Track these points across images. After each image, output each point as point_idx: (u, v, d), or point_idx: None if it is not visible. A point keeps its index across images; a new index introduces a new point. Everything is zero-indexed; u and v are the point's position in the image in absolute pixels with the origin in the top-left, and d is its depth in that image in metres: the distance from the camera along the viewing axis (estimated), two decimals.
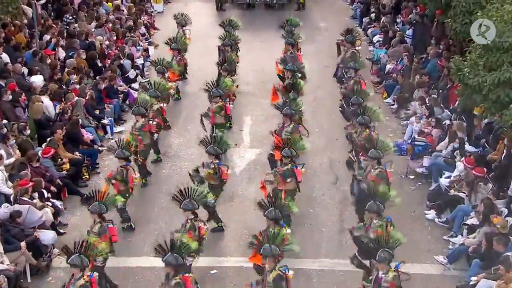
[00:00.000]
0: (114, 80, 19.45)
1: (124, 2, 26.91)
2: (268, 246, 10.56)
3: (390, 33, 23.46)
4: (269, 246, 10.56)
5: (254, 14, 28.44)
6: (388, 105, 20.14)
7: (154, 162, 16.75)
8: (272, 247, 10.56)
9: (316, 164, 16.97)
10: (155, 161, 16.78)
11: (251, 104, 20.26)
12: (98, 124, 17.94)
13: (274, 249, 10.56)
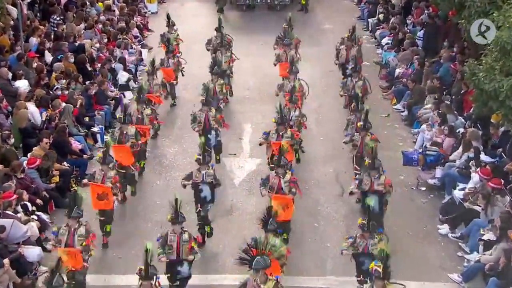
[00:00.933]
0: (104, 85, 19.43)
1: (116, 2, 26.92)
2: (260, 258, 10.40)
3: (399, 35, 23.47)
4: (261, 258, 10.41)
5: (254, 16, 28.49)
6: (397, 111, 20.13)
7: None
8: (264, 258, 10.43)
9: (321, 174, 16.94)
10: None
11: (251, 111, 20.25)
12: (87, 132, 17.91)
13: (266, 259, 10.42)
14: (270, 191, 13.54)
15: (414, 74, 20.72)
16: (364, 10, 28.15)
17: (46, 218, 14.57)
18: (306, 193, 15.84)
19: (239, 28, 23.30)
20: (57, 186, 15.44)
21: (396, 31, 23.96)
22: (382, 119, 19.65)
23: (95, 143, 18.14)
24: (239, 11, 28.90)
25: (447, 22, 22.04)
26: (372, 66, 23.07)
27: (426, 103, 18.97)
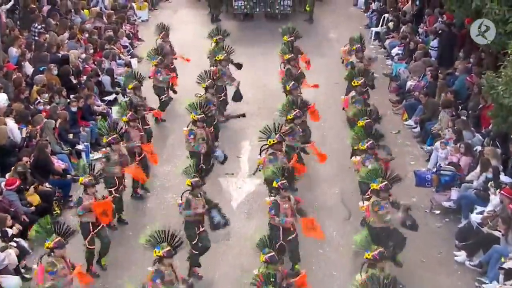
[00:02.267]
0: (90, 99, 19.42)
1: (103, 10, 27.00)
2: None
3: (411, 45, 23.53)
4: None
5: (252, 25, 28.54)
6: (409, 128, 20.13)
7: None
8: None
9: (325, 196, 16.90)
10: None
11: (250, 127, 20.22)
12: (71, 150, 17.88)
13: None
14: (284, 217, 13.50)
15: (427, 87, 20.74)
16: (372, 18, 28.26)
17: (26, 244, 14.48)
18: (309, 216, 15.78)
19: (236, 39, 23.29)
20: (38, 209, 15.35)
21: (407, 40, 24.02)
22: (392, 135, 19.64)
23: None
24: (236, 21, 28.93)
25: (462, 30, 22.09)
26: (381, 79, 23.12)
27: (440, 119, 18.95)
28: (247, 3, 28.81)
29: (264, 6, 28.86)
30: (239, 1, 28.86)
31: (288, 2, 28.80)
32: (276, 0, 28.70)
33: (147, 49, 21.24)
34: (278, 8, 28.88)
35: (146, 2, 29.79)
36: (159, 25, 22.27)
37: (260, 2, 28.78)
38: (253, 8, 29.00)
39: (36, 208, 15.36)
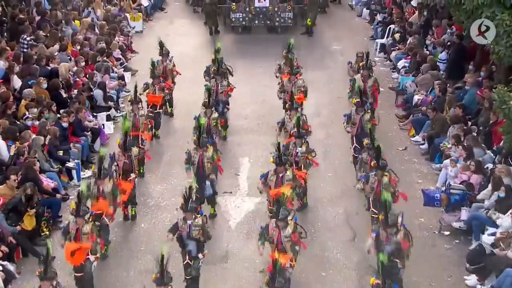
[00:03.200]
0: (82, 114, 19.43)
1: (95, 20, 27.06)
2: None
3: (418, 57, 23.56)
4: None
5: (251, 39, 28.54)
6: (416, 144, 20.12)
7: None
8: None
9: (329, 216, 16.87)
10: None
11: (249, 143, 20.26)
12: (61, 168, 17.86)
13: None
14: (269, 242, 13.44)
15: (435, 102, 20.76)
16: (378, 29, 28.34)
17: (12, 268, 14.43)
18: (312, 237, 15.76)
19: (234, 52, 23.38)
20: (26, 230, 15.30)
21: (414, 52, 24.05)
22: (399, 152, 19.65)
23: (70, 180, 18.09)
24: (234, 34, 28.99)
25: (472, 42, 22.12)
26: (387, 93, 23.16)
27: (449, 135, 18.95)
28: (246, 16, 28.86)
29: (264, 19, 28.89)
30: (237, 13, 28.91)
31: (289, 15, 28.84)
32: (276, 12, 28.76)
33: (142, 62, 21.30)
34: (278, 21, 28.88)
35: (141, 13, 29.89)
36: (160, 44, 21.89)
37: (259, 15, 28.81)
38: (251, 21, 28.98)
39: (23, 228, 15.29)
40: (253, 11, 28.74)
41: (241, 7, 28.82)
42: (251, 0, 28.67)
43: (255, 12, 28.76)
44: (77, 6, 27.72)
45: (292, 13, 28.85)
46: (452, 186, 16.51)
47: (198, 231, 13.42)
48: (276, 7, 28.72)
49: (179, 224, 13.52)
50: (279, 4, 28.77)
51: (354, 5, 32.93)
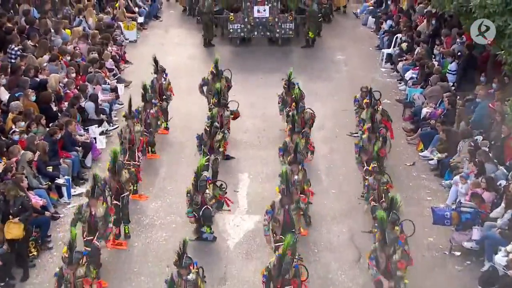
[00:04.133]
0: (72, 127, 19.40)
1: (87, 29, 27.08)
2: None
3: (426, 68, 23.56)
4: None
5: (250, 51, 28.32)
6: (424, 159, 20.10)
7: None
8: None
9: (333, 235, 16.82)
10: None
11: (249, 158, 20.24)
12: (51, 184, 17.81)
13: None
14: None
15: (445, 115, 20.75)
16: (384, 39, 28.37)
17: None
18: (315, 258, 15.72)
19: (233, 65, 23.22)
20: (12, 250, 15.23)
21: (422, 63, 24.06)
22: (407, 168, 19.62)
23: (60, 198, 18.03)
24: (232, 46, 28.81)
25: (483, 52, 22.13)
26: (394, 105, 23.15)
27: (459, 150, 18.92)
28: (244, 27, 28.61)
29: (263, 30, 28.66)
30: (235, 24, 28.67)
31: (290, 26, 28.61)
32: (276, 23, 28.50)
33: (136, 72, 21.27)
34: (278, 32, 28.63)
35: (135, 21, 29.91)
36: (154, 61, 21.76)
37: (259, 26, 28.57)
38: (250, 32, 28.73)
39: (10, 248, 15.22)
40: (252, 22, 28.48)
41: (239, 17, 28.57)
42: (250, 10, 28.47)
43: (254, 23, 28.49)
44: (68, 15, 27.68)
45: (293, 24, 28.64)
46: (463, 204, 16.42)
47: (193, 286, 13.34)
48: (276, 17, 28.46)
49: (174, 280, 13.38)
50: (279, 15, 28.52)
51: (359, 14, 32.99)
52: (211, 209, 16.12)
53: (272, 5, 28.42)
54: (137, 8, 31.35)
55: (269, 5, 28.43)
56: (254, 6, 28.45)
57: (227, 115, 19.84)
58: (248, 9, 28.47)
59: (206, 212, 16.10)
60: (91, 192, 14.94)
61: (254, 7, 28.46)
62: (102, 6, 30.75)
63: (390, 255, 13.39)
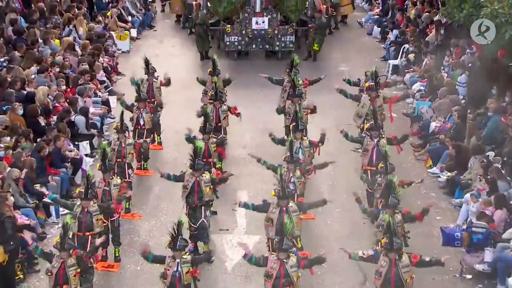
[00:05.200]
0: (61, 143, 19.36)
1: (77, 40, 27.09)
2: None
3: (435, 80, 23.55)
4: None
5: (248, 65, 28.01)
6: (433, 176, 20.08)
7: None
8: None
9: (337, 257, 16.72)
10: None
11: (248, 175, 20.28)
12: (38, 203, 17.76)
13: None
14: (266, 278, 13.64)
15: (454, 130, 20.72)
16: (390, 49, 28.38)
17: None
18: (317, 281, 15.69)
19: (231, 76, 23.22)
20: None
21: (430, 75, 24.05)
22: (415, 185, 19.43)
23: (48, 217, 17.99)
24: (229, 59, 28.43)
25: (495, 64, 22.13)
26: (401, 119, 23.13)
27: (470, 167, 18.89)
28: (242, 39, 28.30)
29: (262, 43, 28.40)
30: (232, 36, 28.33)
31: (290, 38, 28.36)
32: (276, 35, 28.23)
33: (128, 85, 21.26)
34: (278, 45, 28.40)
35: (128, 31, 29.90)
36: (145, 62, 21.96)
37: (257, 38, 28.28)
38: (248, 45, 28.45)
39: None
40: (250, 34, 28.12)
41: (236, 29, 28.23)
42: (248, 22, 28.18)
43: (253, 35, 28.15)
44: (57, 24, 27.69)
45: (294, 37, 28.41)
46: (474, 224, 16.40)
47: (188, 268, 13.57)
48: (276, 29, 28.15)
49: (166, 262, 13.68)
50: (279, 26, 28.23)
51: (363, 23, 33.01)
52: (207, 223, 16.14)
53: (271, 17, 28.19)
54: (130, 17, 31.34)
55: (268, 16, 28.19)
56: (252, 18, 28.18)
57: (225, 110, 19.91)
58: (246, 21, 28.20)
59: (202, 225, 16.10)
60: (84, 193, 15.13)
61: (252, 19, 28.18)
62: (93, 15, 30.75)
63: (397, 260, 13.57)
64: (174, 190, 18.95)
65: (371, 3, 34.68)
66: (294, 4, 28.27)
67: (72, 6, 28.89)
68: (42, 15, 27.42)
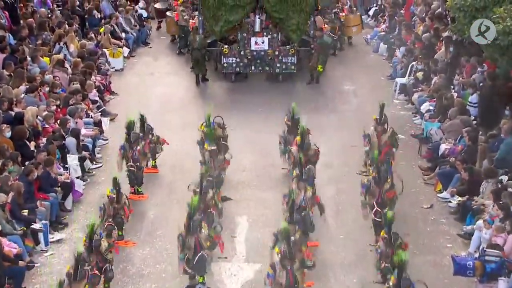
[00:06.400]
0: (51, 166, 19.34)
1: (68, 57, 27.12)
2: None
3: (445, 100, 23.55)
4: None
5: (247, 87, 27.88)
6: (443, 201, 20.04)
7: None
8: None
9: (342, 286, 16.74)
10: None
11: (248, 200, 20.22)
12: (26, 230, 17.70)
13: None
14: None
15: (465, 152, 20.69)
16: (397, 67, 28.41)
17: None
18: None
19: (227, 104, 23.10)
20: None
21: (440, 94, 24.06)
22: (424, 211, 19.57)
23: (36, 245, 17.91)
24: (226, 82, 28.17)
25: (508, 83, 22.14)
26: (409, 141, 23.15)
27: (482, 191, 18.85)
28: (240, 61, 27.94)
29: (261, 64, 28.04)
30: (229, 57, 27.96)
31: (292, 60, 27.95)
32: (277, 57, 27.88)
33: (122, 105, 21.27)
34: (279, 67, 28.01)
35: (121, 48, 29.92)
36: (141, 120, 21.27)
37: (257, 59, 27.95)
38: (247, 67, 28.09)
39: None
40: (249, 55, 27.82)
41: (234, 50, 27.91)
42: (247, 42, 27.87)
43: (252, 56, 27.83)
44: (47, 41, 27.73)
45: (295, 58, 27.98)
46: (487, 252, 16.33)
47: None
48: (276, 50, 27.79)
49: None
50: (280, 47, 27.86)
51: (369, 40, 33.08)
52: (206, 256, 16.04)
53: (271, 37, 27.90)
54: (124, 33, 31.40)
55: (269, 36, 27.89)
56: (251, 38, 27.88)
57: (220, 160, 19.86)
58: (245, 41, 27.89)
59: (200, 259, 16.01)
60: (73, 275, 14.84)
61: (251, 39, 27.87)
62: (85, 31, 30.80)
63: None
64: (170, 215, 18.92)
65: (377, 19, 34.77)
66: (296, 24, 27.73)
67: (63, 22, 28.93)
68: (31, 32, 27.48)
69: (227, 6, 27.51)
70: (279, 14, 27.56)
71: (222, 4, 27.50)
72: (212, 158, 19.89)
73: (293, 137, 20.50)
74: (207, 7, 27.81)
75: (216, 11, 27.64)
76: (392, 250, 15.41)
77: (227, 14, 27.62)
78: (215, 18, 27.78)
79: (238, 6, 27.59)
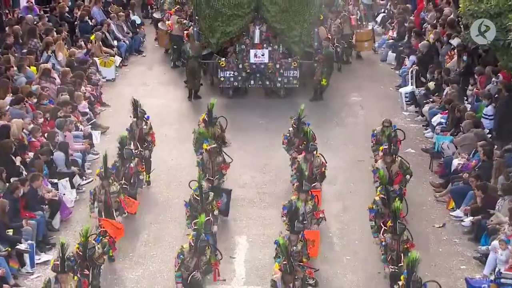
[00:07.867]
0: (38, 183, 19.32)
1: (57, 66, 27.13)
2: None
3: (457, 112, 23.55)
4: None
5: (246, 103, 27.53)
6: (456, 220, 20.01)
7: None
8: None
9: None
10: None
11: (247, 218, 20.21)
12: (10, 251, 17.69)
13: None
14: None
15: (480, 167, 20.68)
16: (407, 77, 28.40)
17: None
18: None
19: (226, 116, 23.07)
20: None
21: (452, 106, 24.05)
22: (435, 230, 19.56)
23: (22, 266, 17.91)
24: (223, 97, 27.50)
25: None
26: (419, 156, 23.15)
27: (498, 209, 18.83)
28: (238, 74, 27.56)
29: (261, 78, 27.67)
30: (226, 71, 27.55)
31: (294, 73, 27.52)
32: (278, 70, 27.47)
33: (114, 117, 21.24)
34: (280, 81, 27.61)
35: (113, 57, 29.86)
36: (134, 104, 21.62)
37: (256, 73, 27.60)
38: (246, 81, 27.73)
39: None
40: (247, 69, 27.42)
41: (232, 63, 27.54)
42: (245, 55, 27.54)
43: (251, 70, 27.48)
44: (34, 49, 27.70)
45: (298, 72, 27.58)
46: (503, 274, 16.37)
47: None
48: (277, 63, 27.41)
49: None
50: (281, 60, 27.51)
51: (377, 48, 33.06)
52: (201, 277, 16.04)
53: (272, 49, 27.59)
54: (116, 41, 31.36)
55: (269, 48, 27.57)
56: (250, 50, 27.55)
57: (219, 162, 19.94)
58: (243, 53, 27.57)
59: (194, 279, 16.00)
60: (60, 266, 14.85)
61: (250, 51, 27.53)
62: (74, 39, 30.77)
63: None
64: (164, 235, 18.90)
65: (385, 26, 34.77)
66: (298, 35, 27.57)
67: (51, 29, 28.88)
68: (17, 40, 27.47)
69: (224, 17, 27.40)
70: (280, 24, 27.41)
71: (219, 14, 27.41)
72: (211, 158, 19.96)
73: (298, 140, 20.79)
74: (203, 17, 27.74)
75: (212, 21, 27.54)
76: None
77: (224, 25, 27.51)
78: (211, 29, 27.68)
79: (236, 16, 27.44)
